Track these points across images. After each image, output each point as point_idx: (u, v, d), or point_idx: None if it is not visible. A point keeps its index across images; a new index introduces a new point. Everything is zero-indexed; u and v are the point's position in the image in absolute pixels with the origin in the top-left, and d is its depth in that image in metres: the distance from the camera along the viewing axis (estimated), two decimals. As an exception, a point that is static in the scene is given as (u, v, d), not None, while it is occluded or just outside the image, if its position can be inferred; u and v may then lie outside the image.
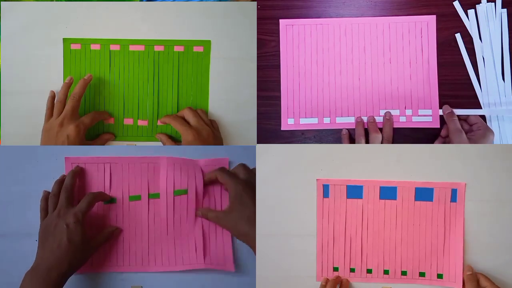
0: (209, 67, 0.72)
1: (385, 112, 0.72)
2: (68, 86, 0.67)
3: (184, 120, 0.68)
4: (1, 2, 0.70)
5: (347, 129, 0.73)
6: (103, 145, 0.70)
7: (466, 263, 0.65)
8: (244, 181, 0.61)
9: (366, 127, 0.72)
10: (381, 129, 0.72)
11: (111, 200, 0.66)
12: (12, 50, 0.70)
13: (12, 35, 0.70)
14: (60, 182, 0.64)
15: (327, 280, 0.65)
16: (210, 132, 0.66)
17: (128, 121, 0.72)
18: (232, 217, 0.60)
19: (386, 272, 0.66)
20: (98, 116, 0.69)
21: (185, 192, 0.66)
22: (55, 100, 0.67)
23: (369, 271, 0.66)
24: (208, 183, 0.66)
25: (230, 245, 0.67)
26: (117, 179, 0.67)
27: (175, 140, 0.71)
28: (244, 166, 0.64)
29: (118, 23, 0.71)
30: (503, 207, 0.64)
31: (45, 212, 0.62)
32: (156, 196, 0.67)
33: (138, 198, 0.67)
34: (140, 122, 0.72)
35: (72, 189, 0.63)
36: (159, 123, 0.71)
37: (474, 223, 0.65)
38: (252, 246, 0.60)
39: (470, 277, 0.63)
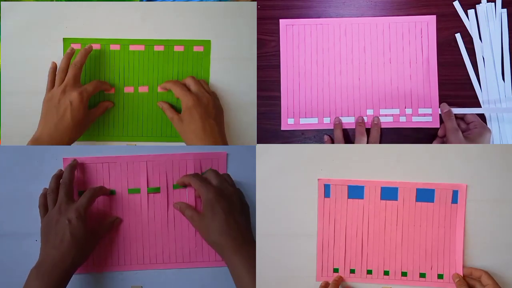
0: (209, 67, 0.72)
1: (374, 117, 0.72)
2: (69, 56, 0.66)
3: (185, 86, 0.67)
4: (1, 2, 0.70)
5: (328, 134, 0.73)
6: (103, 113, 0.69)
7: (466, 263, 0.65)
8: (216, 189, 0.61)
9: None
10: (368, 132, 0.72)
11: (110, 192, 0.67)
12: (12, 50, 0.70)
13: (12, 35, 0.70)
14: (58, 177, 0.63)
15: (327, 283, 0.65)
16: (211, 99, 0.65)
17: (128, 89, 0.72)
18: (204, 222, 0.60)
19: (386, 273, 0.66)
20: (100, 85, 0.68)
21: (184, 186, 0.67)
22: (57, 70, 0.66)
23: (369, 271, 0.66)
24: (182, 186, 0.66)
25: None
26: (115, 177, 0.67)
27: (176, 109, 0.70)
28: (215, 172, 0.64)
29: (118, 23, 0.71)
30: (503, 207, 0.64)
31: (44, 208, 0.62)
32: (156, 190, 0.67)
33: (137, 191, 0.67)
34: (141, 89, 0.72)
35: (71, 183, 0.63)
36: (159, 89, 0.71)
37: (475, 223, 0.64)
38: (225, 256, 0.58)
39: (460, 283, 0.63)
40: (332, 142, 0.73)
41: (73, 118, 0.62)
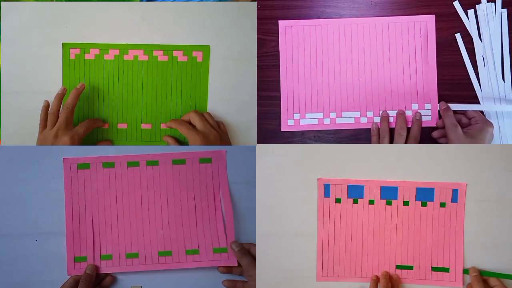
0: (208, 72, 0.72)
1: (416, 113, 0.72)
2: (61, 97, 0.66)
3: (190, 124, 0.67)
4: (1, 2, 0.70)
5: (377, 124, 0.73)
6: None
7: (466, 263, 0.65)
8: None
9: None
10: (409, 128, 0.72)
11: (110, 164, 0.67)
12: (12, 50, 0.70)
13: (12, 35, 0.70)
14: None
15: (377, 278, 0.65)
16: (217, 135, 0.65)
17: (122, 126, 0.72)
18: None
19: (386, 272, 0.66)
20: (93, 124, 0.68)
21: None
22: (49, 111, 0.66)
23: (369, 270, 0.66)
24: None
25: (233, 239, 0.67)
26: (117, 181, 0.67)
27: (181, 142, 0.71)
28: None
29: (118, 23, 0.71)
30: (503, 207, 0.64)
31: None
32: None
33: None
34: (144, 126, 0.72)
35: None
36: (163, 126, 0.71)
37: (475, 223, 0.65)
38: None
39: (477, 278, 0.63)
40: (378, 131, 0.72)
41: None
